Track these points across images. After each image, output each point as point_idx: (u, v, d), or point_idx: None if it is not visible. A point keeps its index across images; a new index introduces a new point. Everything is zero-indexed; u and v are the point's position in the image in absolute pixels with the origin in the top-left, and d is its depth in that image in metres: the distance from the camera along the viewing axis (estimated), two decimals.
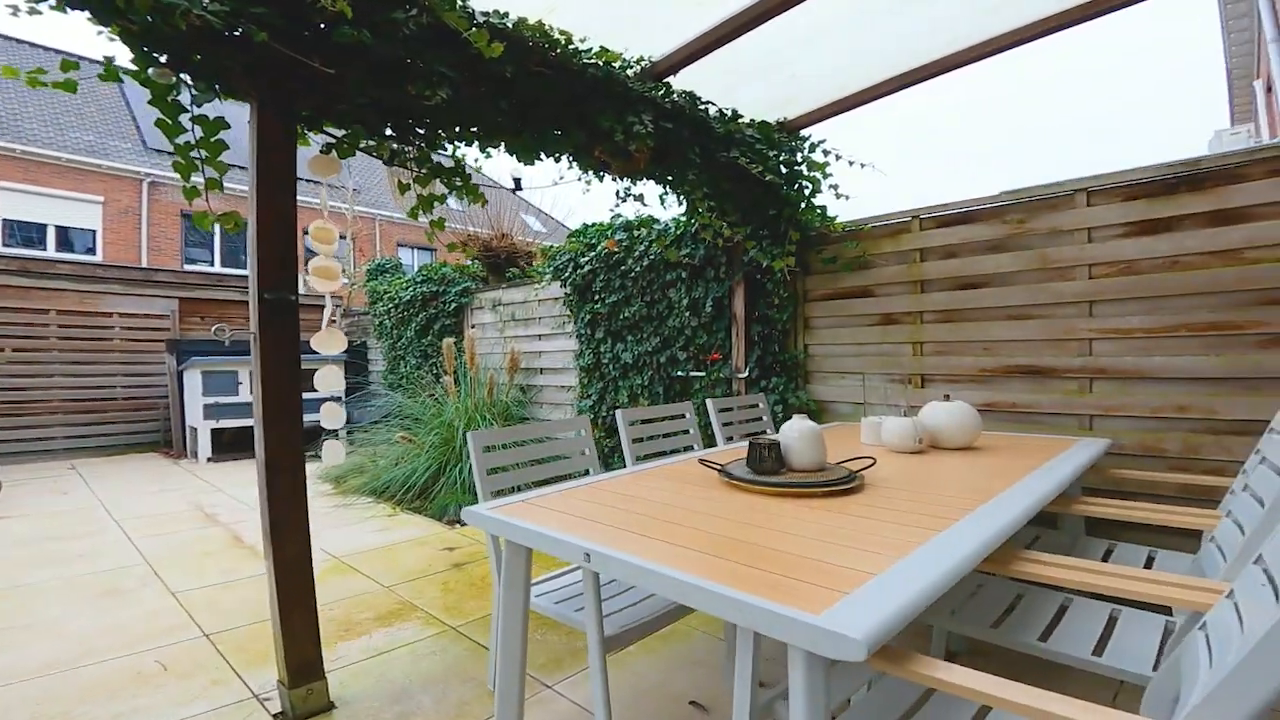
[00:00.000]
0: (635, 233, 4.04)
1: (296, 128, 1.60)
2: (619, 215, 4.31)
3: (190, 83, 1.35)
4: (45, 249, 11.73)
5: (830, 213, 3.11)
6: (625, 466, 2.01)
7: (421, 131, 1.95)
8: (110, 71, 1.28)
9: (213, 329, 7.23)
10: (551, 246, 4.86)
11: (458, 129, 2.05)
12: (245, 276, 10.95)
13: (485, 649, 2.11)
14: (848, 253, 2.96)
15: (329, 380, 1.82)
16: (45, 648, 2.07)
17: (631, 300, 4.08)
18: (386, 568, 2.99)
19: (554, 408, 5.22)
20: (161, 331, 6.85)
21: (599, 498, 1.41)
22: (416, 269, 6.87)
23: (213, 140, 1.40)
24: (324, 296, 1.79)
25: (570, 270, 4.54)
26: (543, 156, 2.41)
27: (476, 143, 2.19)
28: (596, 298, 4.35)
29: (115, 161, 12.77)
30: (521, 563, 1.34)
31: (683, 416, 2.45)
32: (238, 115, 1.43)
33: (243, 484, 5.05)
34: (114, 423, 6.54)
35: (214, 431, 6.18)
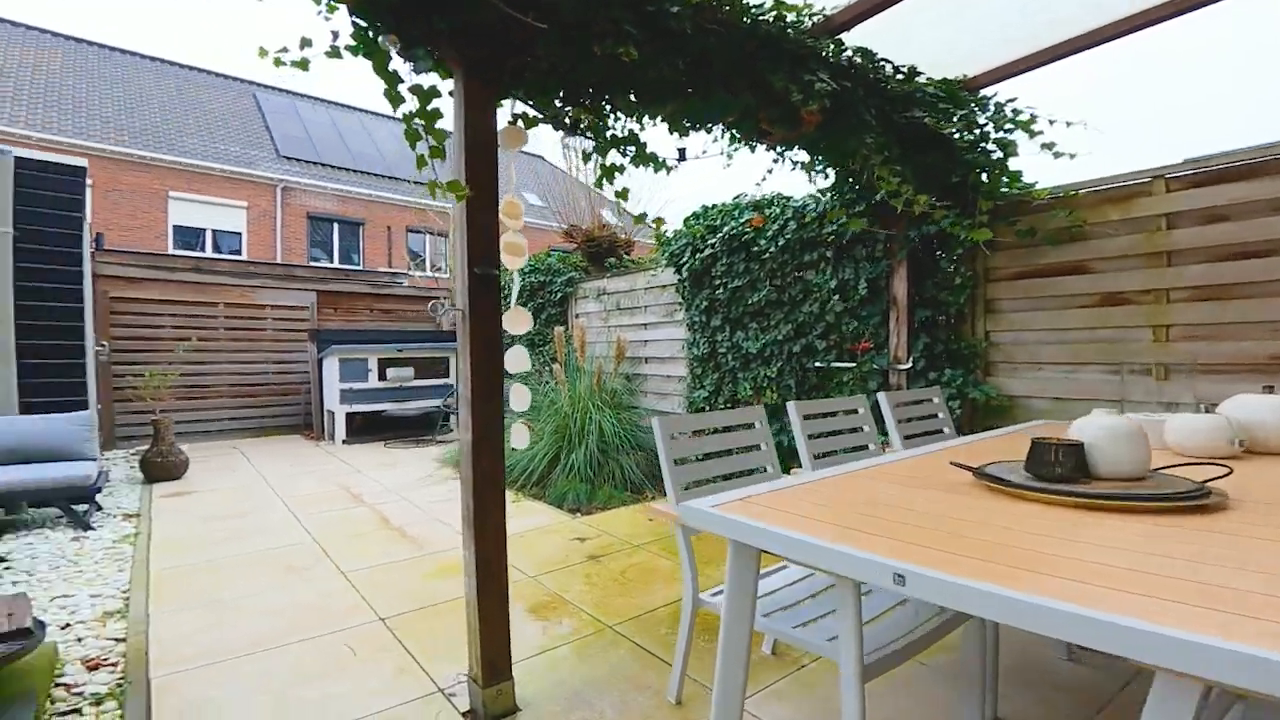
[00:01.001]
0: (766, 211, 3.75)
1: (497, 97, 1.50)
2: (741, 195, 4.04)
3: (401, 51, 1.28)
4: (204, 251, 13.35)
5: (1026, 179, 2.65)
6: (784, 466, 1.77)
7: (593, 97, 1.81)
8: (334, 50, 1.24)
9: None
10: (664, 232, 4.68)
11: (628, 95, 1.89)
12: (366, 272, 11.89)
13: (648, 653, 1.99)
14: (1051, 223, 2.50)
15: (518, 360, 1.74)
16: (249, 626, 2.17)
17: (758, 285, 3.80)
18: (525, 557, 2.98)
19: (660, 398, 5.08)
20: (302, 322, 7.50)
21: (829, 500, 1.19)
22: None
23: (428, 109, 1.33)
24: (511, 274, 1.70)
25: (687, 255, 4.34)
26: (696, 128, 2.21)
27: (635, 114, 2.03)
28: (717, 283, 4.11)
29: (255, 169, 14.28)
30: (751, 571, 1.17)
31: (855, 412, 2.17)
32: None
33: (375, 465, 5.39)
34: (265, 406, 7.26)
35: (348, 415, 6.68)
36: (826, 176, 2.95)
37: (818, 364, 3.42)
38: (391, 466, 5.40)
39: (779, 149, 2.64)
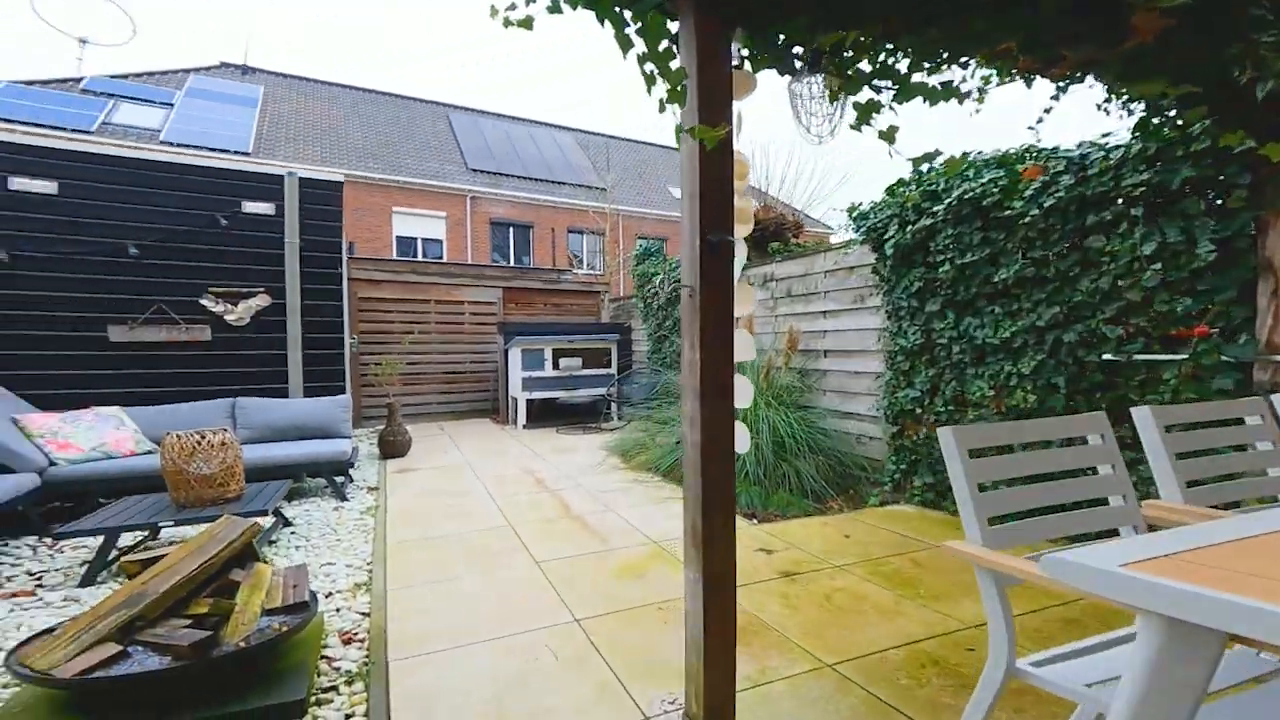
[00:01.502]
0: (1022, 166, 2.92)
1: (726, 34, 1.20)
2: (974, 153, 3.22)
3: None
4: (417, 257, 15.77)
5: None
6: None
7: (833, 24, 1.41)
8: (555, 5, 1.07)
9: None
10: (856, 206, 4.03)
11: (879, 21, 1.44)
12: (539, 270, 13.04)
13: (894, 710, 1.59)
14: None
15: (744, 348, 1.46)
16: (464, 613, 2.24)
17: (1004, 258, 3.00)
18: None
19: (844, 397, 4.43)
20: (491, 316, 8.31)
21: None
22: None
23: (659, 50, 1.09)
24: (734, 244, 1.41)
25: (893, 229, 3.65)
26: (949, 62, 1.65)
27: (876, 49, 1.56)
28: (939, 259, 3.37)
29: (450, 183, 16.43)
30: (1206, 667, 0.71)
31: (1240, 423, 1.46)
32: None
33: (551, 451, 5.67)
34: (463, 392, 8.22)
35: (528, 402, 7.22)
36: (1130, 113, 2.15)
37: (1106, 356, 2.56)
38: (565, 452, 5.63)
39: (1063, 83, 1.94)
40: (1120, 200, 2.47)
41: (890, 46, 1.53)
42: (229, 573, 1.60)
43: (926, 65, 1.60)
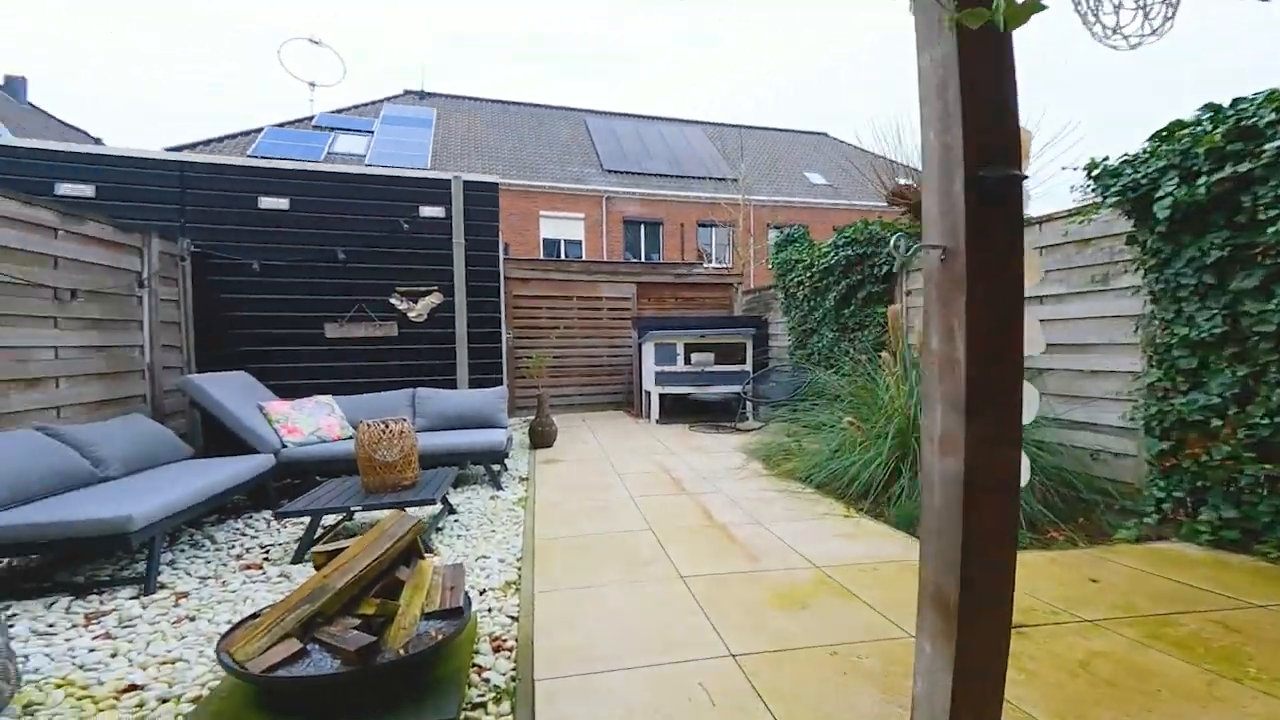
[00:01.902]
0: None
1: None
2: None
3: None
4: (560, 257, 16.74)
5: None
6: None
7: None
8: None
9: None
10: (1099, 162, 3.12)
11: None
12: (669, 264, 13.08)
13: None
14: None
15: (1032, 338, 1.07)
16: (610, 629, 2.10)
17: None
18: (887, 597, 2.29)
19: (1075, 402, 3.52)
20: (625, 311, 8.40)
21: None
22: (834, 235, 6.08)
23: None
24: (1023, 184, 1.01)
25: (1168, 185, 2.75)
26: None
27: None
28: (1263, 216, 2.44)
29: (588, 185, 17.15)
30: None
31: None
32: None
33: (686, 449, 5.47)
34: (600, 385, 8.44)
35: (660, 397, 7.14)
36: None
37: None
38: (699, 451, 5.40)
39: None
40: None
41: None
42: (395, 570, 1.64)
43: None
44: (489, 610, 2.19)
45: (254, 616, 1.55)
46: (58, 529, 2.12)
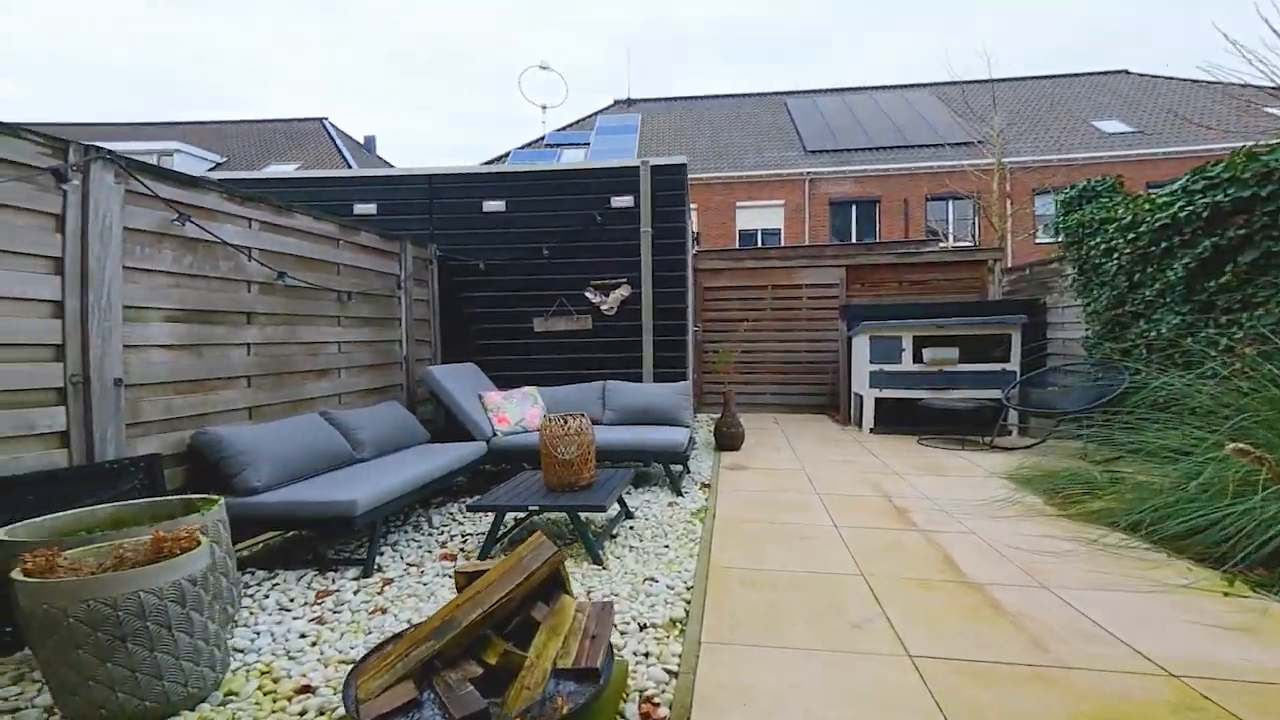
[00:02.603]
0: None
1: None
2: None
3: None
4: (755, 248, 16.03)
5: None
6: None
7: None
8: None
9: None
10: None
11: None
12: (890, 242, 11.19)
13: None
14: None
15: None
16: None
17: None
18: None
19: None
20: (831, 299, 7.36)
21: None
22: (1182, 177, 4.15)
23: None
24: None
25: None
26: None
27: None
28: None
29: (789, 169, 15.97)
30: None
31: None
32: None
33: (914, 469, 4.38)
34: (797, 384, 7.58)
35: (876, 401, 6.00)
36: None
37: None
38: (935, 474, 4.26)
39: None
40: None
41: None
42: (533, 606, 1.38)
43: None
44: (645, 655, 1.81)
45: (396, 638, 1.44)
46: (302, 508, 2.38)
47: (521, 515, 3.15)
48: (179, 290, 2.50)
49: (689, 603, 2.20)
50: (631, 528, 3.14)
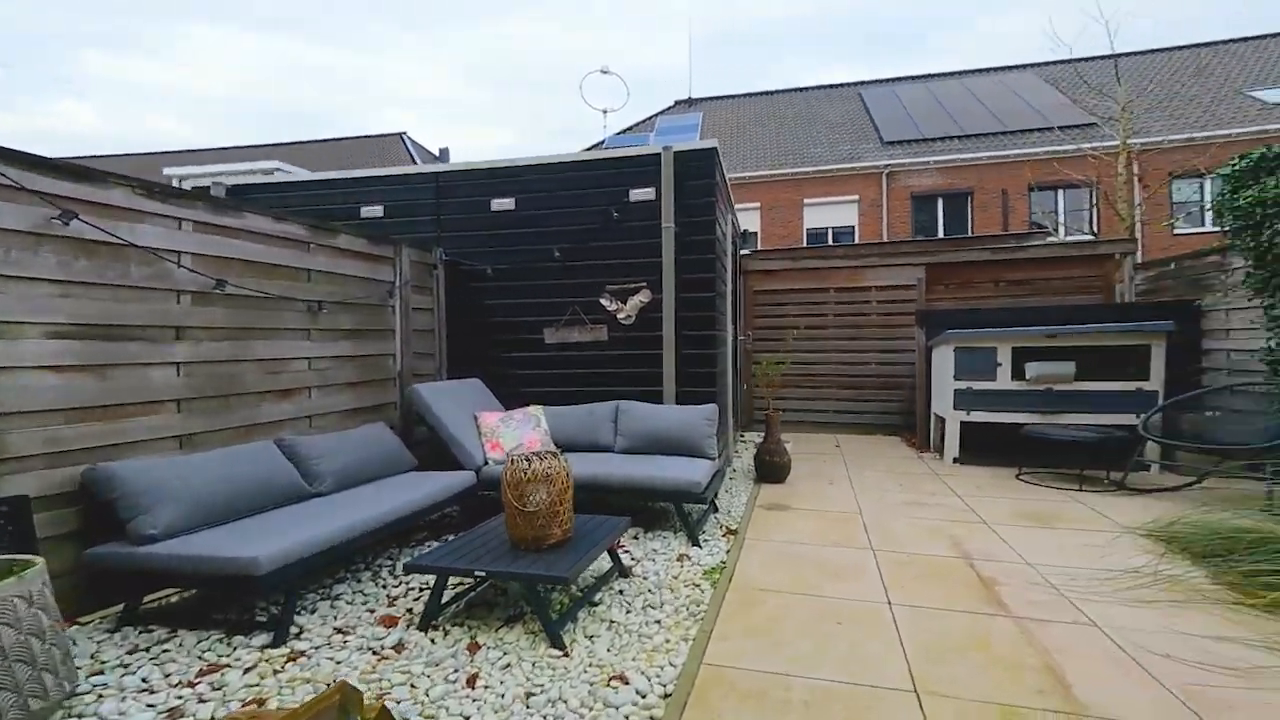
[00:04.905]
0: None
1: None
2: None
3: None
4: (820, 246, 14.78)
5: None
6: None
7: None
8: None
9: None
10: None
11: None
12: (983, 237, 9.64)
13: None
14: None
15: None
16: None
17: None
18: None
19: None
20: (908, 303, 6.30)
21: None
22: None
23: None
24: None
25: None
26: None
27: None
28: None
29: (864, 162, 14.59)
30: None
31: None
32: None
33: (1013, 517, 3.38)
34: (866, 401, 6.57)
35: (962, 425, 4.93)
36: None
37: None
38: (1041, 525, 3.28)
39: None
40: None
41: None
42: None
43: None
44: None
45: None
46: (196, 564, 1.93)
47: (473, 582, 2.52)
48: (69, 301, 2.16)
49: None
50: (622, 591, 2.51)
